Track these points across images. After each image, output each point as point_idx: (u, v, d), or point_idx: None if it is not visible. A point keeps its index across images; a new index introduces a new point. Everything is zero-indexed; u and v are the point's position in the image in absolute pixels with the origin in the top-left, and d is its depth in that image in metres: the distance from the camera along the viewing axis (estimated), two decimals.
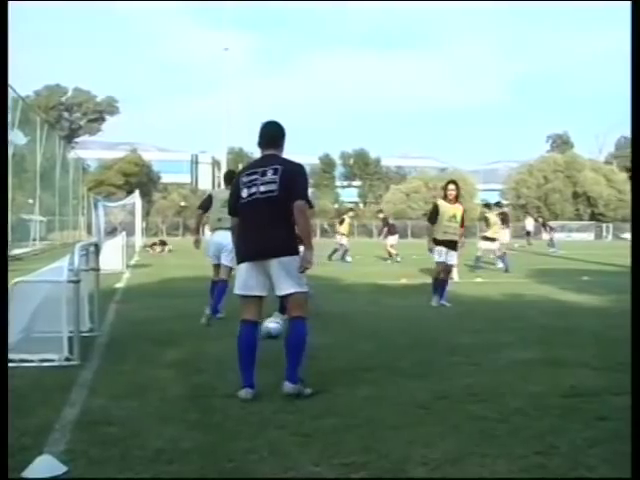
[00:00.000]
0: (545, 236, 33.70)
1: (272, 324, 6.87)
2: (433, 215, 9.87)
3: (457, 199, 9.98)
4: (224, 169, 66.14)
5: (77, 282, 5.79)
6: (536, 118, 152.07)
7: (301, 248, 4.69)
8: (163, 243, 29.49)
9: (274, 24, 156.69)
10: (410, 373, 5.40)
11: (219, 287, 8.22)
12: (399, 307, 9.81)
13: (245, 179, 4.71)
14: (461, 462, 3.37)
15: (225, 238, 8.26)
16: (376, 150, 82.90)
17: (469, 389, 4.85)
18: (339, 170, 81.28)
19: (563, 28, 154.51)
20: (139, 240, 31.25)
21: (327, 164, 79.08)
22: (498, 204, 24.14)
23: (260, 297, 4.80)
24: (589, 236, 67.43)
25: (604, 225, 70.76)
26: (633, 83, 3.99)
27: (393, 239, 22.13)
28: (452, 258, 9.94)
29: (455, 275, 14.98)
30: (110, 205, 34.32)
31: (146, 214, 51.50)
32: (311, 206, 5.52)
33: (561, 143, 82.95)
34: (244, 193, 4.68)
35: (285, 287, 4.63)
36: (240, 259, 4.77)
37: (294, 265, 4.57)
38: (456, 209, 9.87)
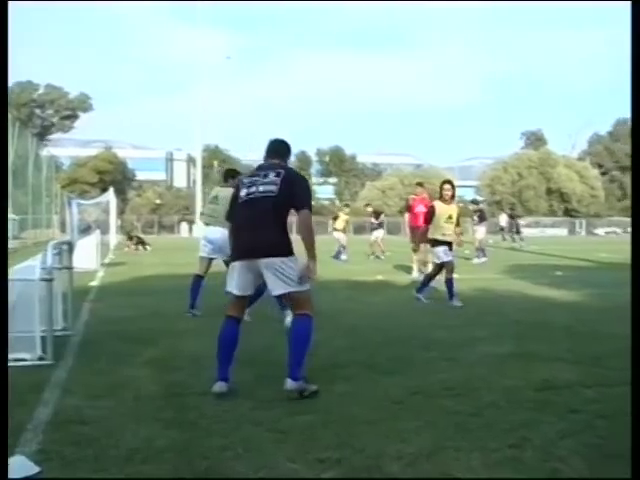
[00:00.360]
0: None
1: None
2: (430, 216, 9.71)
3: (453, 199, 9.86)
4: (199, 166, 66.10)
5: (50, 280, 5.74)
6: (510, 116, 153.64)
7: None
8: (141, 241, 29.00)
9: (251, 23, 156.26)
10: (385, 369, 5.43)
11: None
12: (375, 304, 9.83)
13: (246, 180, 4.80)
14: (436, 456, 3.40)
15: (212, 233, 8.37)
16: (352, 147, 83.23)
17: (444, 384, 4.88)
18: (315, 167, 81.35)
19: (537, 28, 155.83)
20: (114, 238, 30.97)
21: (303, 161, 79.05)
22: (474, 202, 24.31)
23: (248, 296, 4.87)
24: (562, 232, 68.24)
25: (577, 221, 71.65)
26: (633, 83, 4.02)
27: (379, 233, 21.95)
28: (449, 255, 9.73)
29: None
30: (84, 203, 33.89)
31: (121, 212, 51.11)
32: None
33: (535, 140, 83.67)
34: (243, 192, 4.73)
35: (278, 288, 4.61)
36: (233, 257, 4.78)
37: (285, 266, 4.55)
38: (452, 209, 9.76)
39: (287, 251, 4.62)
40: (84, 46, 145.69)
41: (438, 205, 9.75)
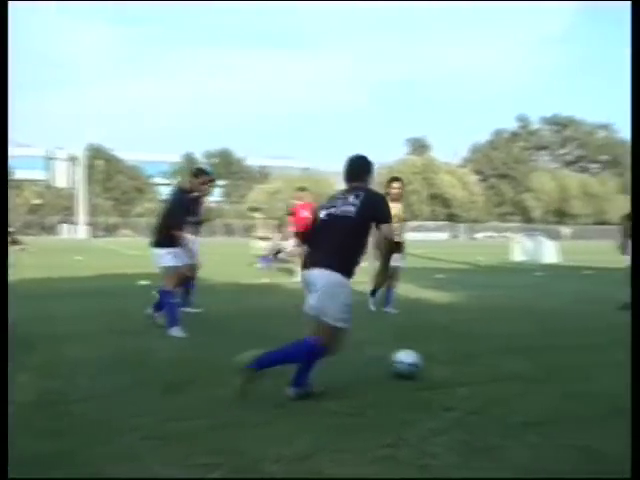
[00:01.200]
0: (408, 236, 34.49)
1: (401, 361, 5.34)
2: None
3: (401, 198, 9.25)
4: (82, 166, 63.94)
5: None
6: (397, 122, 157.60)
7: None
8: (15, 242, 27.69)
9: (140, 20, 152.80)
10: (269, 372, 5.45)
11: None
12: (259, 306, 9.85)
13: (327, 204, 4.78)
14: (313, 458, 3.45)
15: None
16: (241, 150, 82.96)
17: (327, 386, 4.93)
18: None
19: (424, 36, 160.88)
20: None
21: (190, 163, 78.11)
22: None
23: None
24: (445, 236, 70.78)
25: (458, 225, 74.49)
26: (633, 84, 4.15)
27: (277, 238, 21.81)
28: (398, 260, 9.34)
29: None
30: None
31: None
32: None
33: (419, 146, 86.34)
34: (322, 214, 4.73)
35: (314, 309, 4.53)
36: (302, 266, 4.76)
37: (334, 288, 4.46)
38: (398, 209, 9.12)
39: (343, 270, 4.50)
40: None
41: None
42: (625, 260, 10.79)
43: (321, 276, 4.49)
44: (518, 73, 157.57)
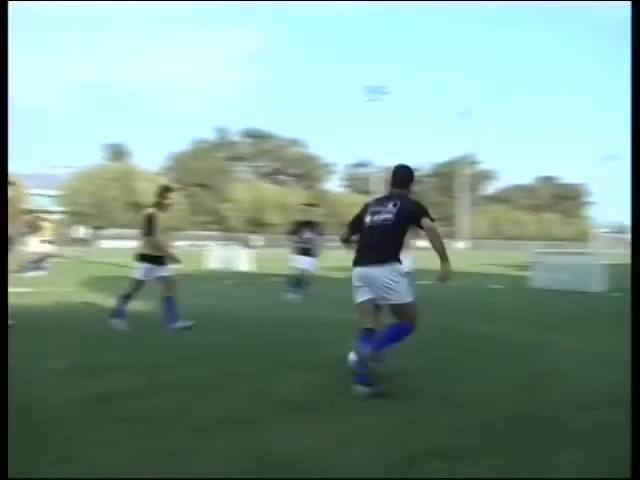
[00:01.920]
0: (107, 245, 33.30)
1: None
2: (153, 227, 8.44)
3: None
4: None
5: None
6: (96, 126, 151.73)
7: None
8: None
9: None
10: None
11: None
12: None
13: (372, 209, 5.63)
14: None
15: None
16: None
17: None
18: None
19: (128, 39, 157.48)
20: None
21: None
22: (33, 213, 23.80)
23: (371, 301, 5.45)
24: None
25: None
26: (633, 85, 4.29)
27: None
28: (167, 271, 8.70)
29: None
30: None
31: None
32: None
33: (117, 153, 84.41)
34: (367, 219, 5.58)
35: (389, 297, 5.33)
36: (353, 264, 5.54)
37: (393, 273, 5.33)
38: (166, 219, 8.68)
39: (396, 261, 5.39)
40: None
41: (159, 215, 8.55)
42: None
43: (378, 271, 5.34)
44: (220, 86, 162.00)
